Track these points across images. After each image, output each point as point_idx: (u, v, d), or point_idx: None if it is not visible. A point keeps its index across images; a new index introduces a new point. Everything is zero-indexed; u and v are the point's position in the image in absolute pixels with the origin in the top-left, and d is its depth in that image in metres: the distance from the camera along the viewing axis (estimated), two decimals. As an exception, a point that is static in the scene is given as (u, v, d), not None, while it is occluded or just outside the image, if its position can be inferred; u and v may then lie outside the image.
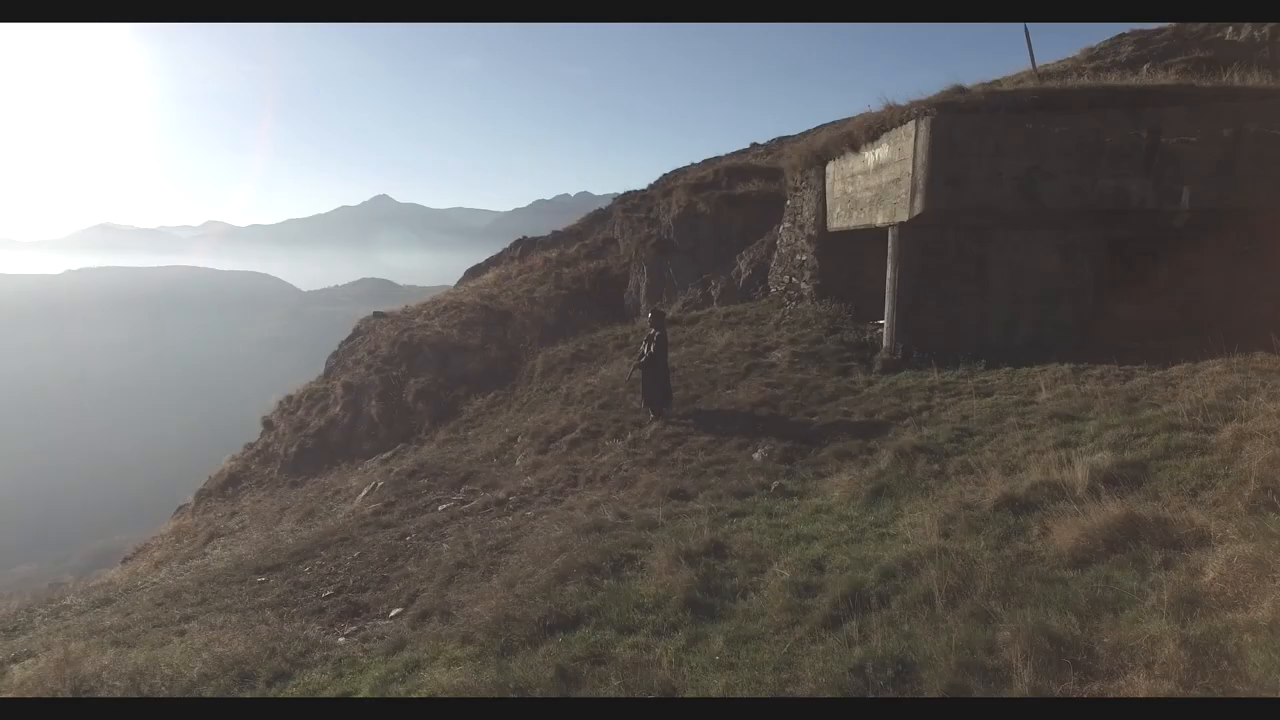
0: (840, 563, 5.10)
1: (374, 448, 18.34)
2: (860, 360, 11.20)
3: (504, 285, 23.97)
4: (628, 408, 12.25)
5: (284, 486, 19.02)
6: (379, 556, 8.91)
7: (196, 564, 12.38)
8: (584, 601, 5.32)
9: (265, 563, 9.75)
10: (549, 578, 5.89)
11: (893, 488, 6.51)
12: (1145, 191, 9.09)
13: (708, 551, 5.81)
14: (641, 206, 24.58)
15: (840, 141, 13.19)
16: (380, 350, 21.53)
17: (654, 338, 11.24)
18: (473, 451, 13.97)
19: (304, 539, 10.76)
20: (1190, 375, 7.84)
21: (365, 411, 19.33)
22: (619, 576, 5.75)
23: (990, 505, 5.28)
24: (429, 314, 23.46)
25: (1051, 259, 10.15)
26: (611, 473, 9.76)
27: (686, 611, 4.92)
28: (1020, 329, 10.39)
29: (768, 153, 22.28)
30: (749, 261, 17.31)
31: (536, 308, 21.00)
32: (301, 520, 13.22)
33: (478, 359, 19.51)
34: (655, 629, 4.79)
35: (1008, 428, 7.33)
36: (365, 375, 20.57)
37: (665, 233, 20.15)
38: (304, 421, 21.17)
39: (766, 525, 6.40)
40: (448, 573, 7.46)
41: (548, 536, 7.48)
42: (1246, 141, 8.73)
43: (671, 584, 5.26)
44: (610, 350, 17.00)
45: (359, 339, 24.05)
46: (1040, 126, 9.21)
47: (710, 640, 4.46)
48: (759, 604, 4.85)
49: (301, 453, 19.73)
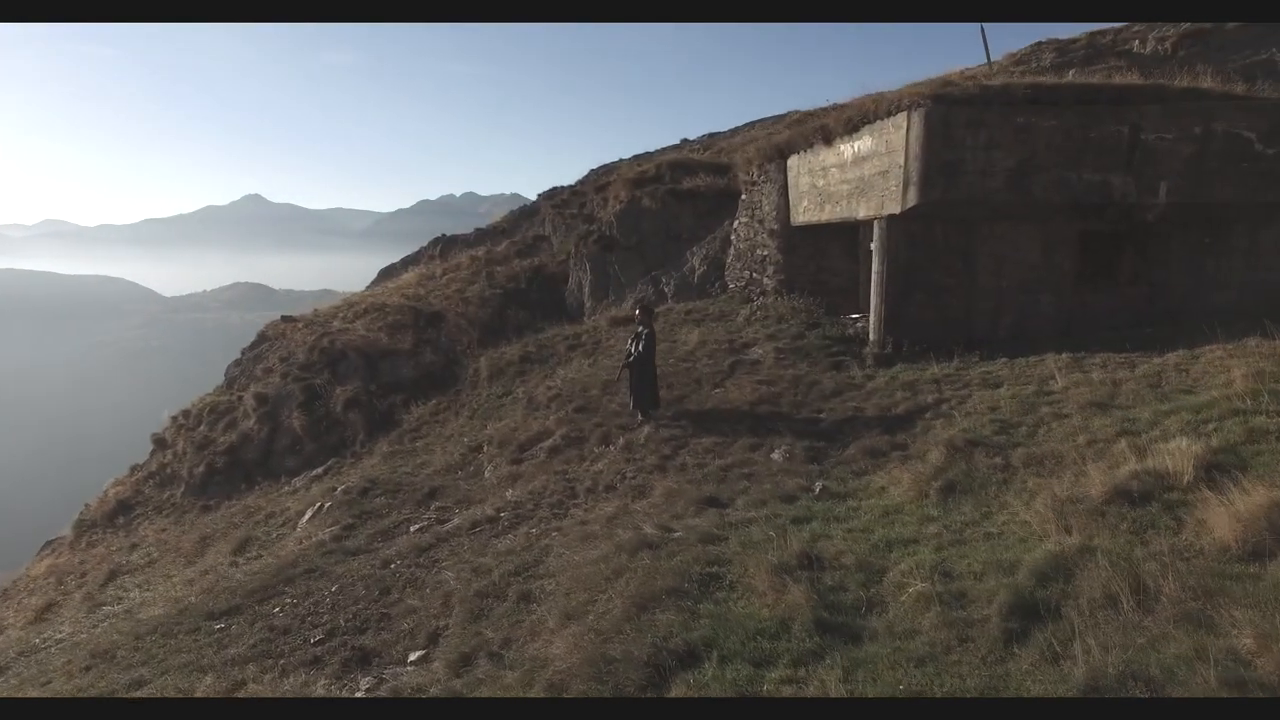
0: (969, 568, 4.76)
1: (299, 464, 16.64)
2: (849, 354, 11.09)
3: (429, 285, 22.52)
4: (607, 411, 11.59)
5: (193, 512, 16.93)
6: (365, 590, 7.83)
7: (111, 610, 10.58)
8: (689, 633, 4.69)
9: (217, 605, 8.39)
10: (626, 606, 5.21)
11: (962, 484, 6.29)
12: (1127, 186, 9.47)
13: (801, 564, 5.33)
14: (572, 203, 23.82)
15: (808, 135, 13.10)
16: (296, 357, 19.63)
17: (642, 335, 10.65)
18: (429, 464, 12.85)
19: (255, 573, 9.40)
20: (1192, 361, 8.14)
21: (285, 424, 17.51)
22: (711, 599, 5.16)
23: (1098, 498, 5.11)
24: (347, 317, 21.68)
25: (1033, 251, 10.42)
26: (616, 481, 9.09)
27: (819, 635, 4.41)
28: (1004, 320, 10.60)
29: (705, 148, 22.12)
30: (702, 257, 17.01)
31: (471, 308, 19.81)
32: (237, 550, 11.62)
33: (411, 364, 18.14)
34: (795, 658, 4.26)
35: (1046, 418, 7.31)
36: (281, 385, 18.67)
37: (607, 229, 19.53)
38: (209, 438, 18.96)
39: (842, 531, 6.00)
40: (469, 605, 6.58)
41: (583, 557, 6.75)
42: (1215, 140, 9.26)
43: (788, 604, 4.74)
44: (562, 351, 16.20)
45: (266, 346, 21.89)
46: (1031, 120, 9.38)
47: (873, 666, 3.98)
48: (900, 620, 4.42)
49: (211, 473, 17.64)
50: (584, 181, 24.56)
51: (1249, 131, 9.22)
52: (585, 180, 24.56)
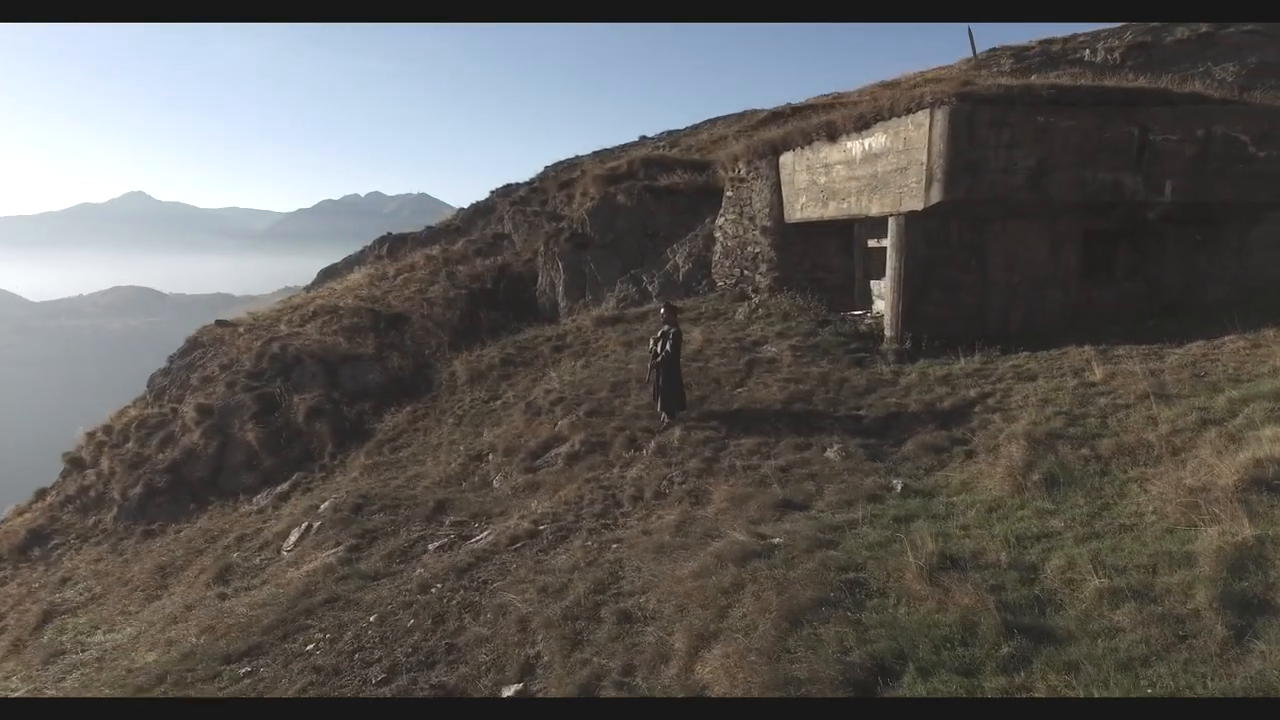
0: (1132, 561, 4.71)
1: (258, 480, 15.32)
2: (868, 351, 11.11)
3: (383, 286, 21.30)
4: (625, 413, 11.16)
5: (132, 538, 15.31)
6: (414, 619, 7.11)
7: (77, 659, 9.19)
8: (869, 645, 4.42)
9: (231, 646, 7.45)
10: (775, 622, 4.88)
11: (1062, 477, 6.29)
12: (1136, 185, 9.88)
13: (943, 565, 5.16)
14: (532, 200, 23.13)
15: (808, 131, 13.09)
16: (242, 364, 18.11)
17: (668, 334, 10.30)
18: (424, 476, 12.05)
19: (262, 605, 8.43)
20: (1217, 351, 8.54)
21: (238, 437, 16.09)
22: (867, 608, 4.90)
23: (1231, 487, 5.17)
24: (294, 320, 20.22)
25: (1042, 249, 10.74)
26: (664, 488, 8.70)
27: (1013, 637, 4.24)
28: (1015, 315, 10.88)
29: (672, 145, 21.92)
30: (686, 255, 16.79)
31: (436, 310, 18.83)
32: (219, 580, 10.44)
33: (377, 369, 17.05)
34: (1000, 665, 4.06)
35: (1107, 409, 7.46)
36: (228, 395, 17.17)
37: (579, 226, 19.01)
38: (143, 456, 17.24)
39: (955, 529, 5.87)
40: (558, 630, 6.05)
41: (676, 570, 6.35)
42: (1215, 142, 9.80)
43: (962, 607, 4.55)
44: (547, 354, 15.60)
45: (201, 353, 20.13)
46: (1050, 120, 9.65)
47: (1095, 668, 3.83)
48: (1091, 618, 4.31)
49: (150, 493, 16.02)
50: (543, 178, 23.88)
51: (1244, 135, 9.82)
52: (545, 177, 23.88)
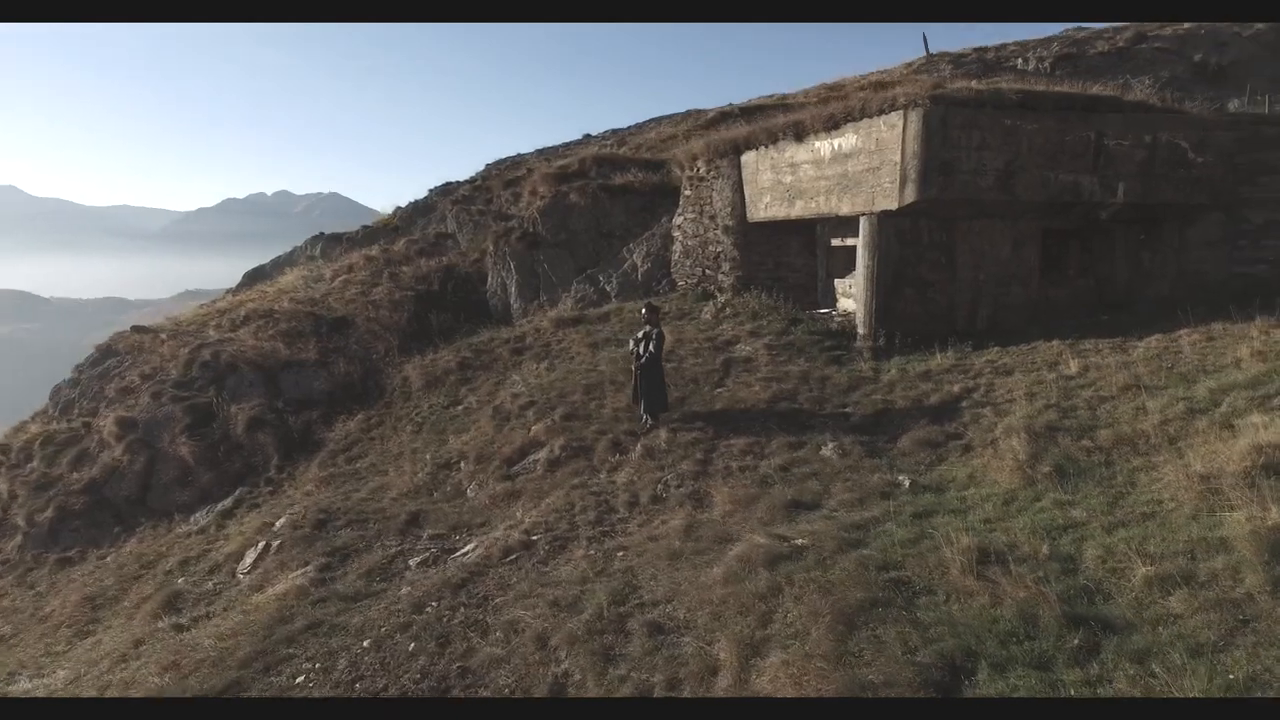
0: (1168, 548, 4.86)
1: (194, 497, 14.23)
2: (843, 349, 11.26)
3: (320, 288, 20.19)
4: (604, 416, 10.91)
5: (44, 568, 13.96)
6: (415, 642, 6.67)
7: (10, 705, 8.16)
8: (934, 644, 4.39)
9: (205, 684, 6.81)
10: (830, 626, 4.78)
11: (1070, 468, 6.48)
12: (1093, 186, 10.39)
13: (983, 559, 5.20)
14: (476, 198, 22.46)
15: (773, 130, 13.17)
16: (168, 373, 16.80)
17: (650, 335, 10.13)
18: (389, 487, 11.45)
19: (229, 636, 7.70)
20: (1174, 344, 9.04)
21: (169, 452, 14.89)
22: (920, 606, 4.86)
23: (1239, 473, 5.43)
24: (224, 325, 18.91)
25: (1005, 247, 11.16)
26: (662, 492, 8.52)
27: (1076, 628, 4.29)
28: (981, 312, 11.26)
29: (620, 144, 21.70)
30: (644, 254, 16.64)
31: (382, 312, 17.99)
32: (166, 609, 9.51)
33: (323, 376, 16.13)
34: (1071, 657, 4.10)
35: (1093, 401, 7.77)
36: (154, 406, 15.87)
37: (530, 225, 18.56)
38: (51, 476, 15.76)
39: (978, 522, 5.96)
40: (585, 646, 5.77)
41: (699, 578, 6.18)
42: (1160, 148, 10.42)
43: (1019, 600, 4.59)
44: (506, 356, 15.14)
45: (116, 362, 18.58)
46: (1017, 123, 10.02)
47: (1165, 656, 3.91)
48: (1145, 605, 4.42)
49: (63, 517, 14.64)
50: (486, 176, 23.23)
51: (1184, 141, 10.49)
52: (488, 175, 23.24)
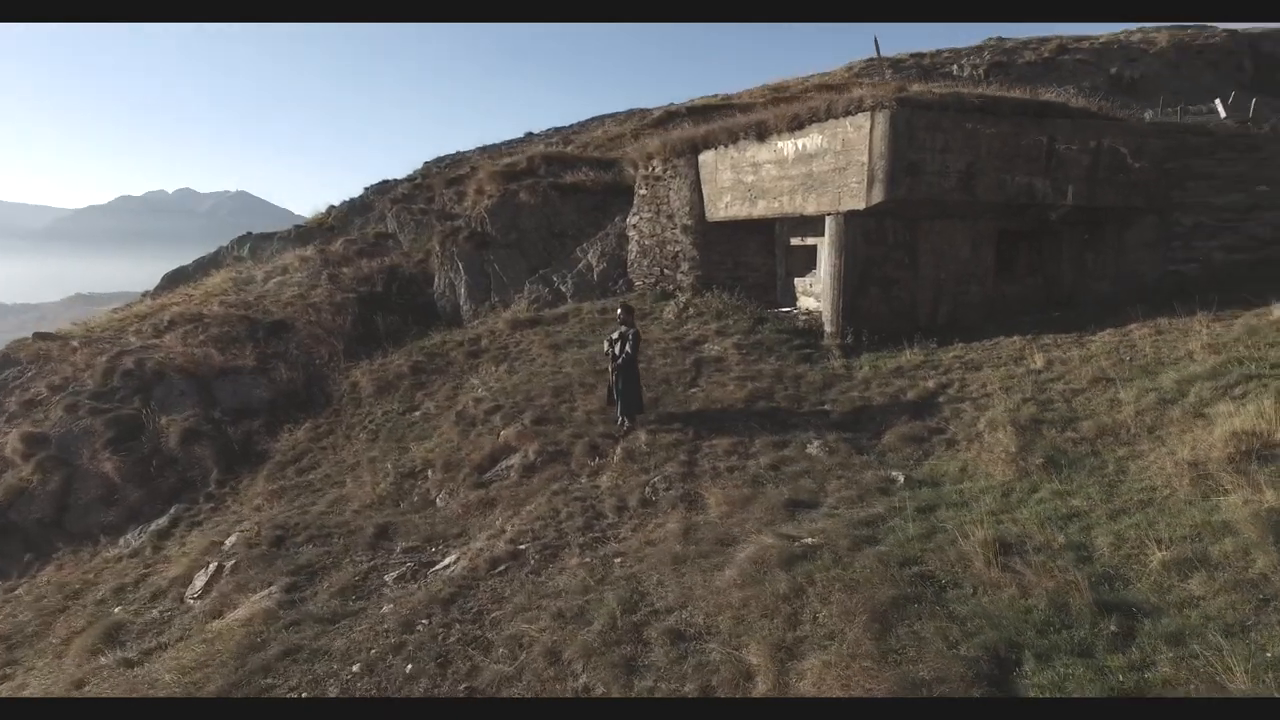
0: (1174, 534, 5.08)
1: (122, 517, 13.12)
2: (812, 347, 11.38)
3: (253, 290, 19.05)
4: (576, 419, 10.66)
5: (-52, 601, 12.54)
6: (412, 665, 6.28)
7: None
8: (975, 637, 4.42)
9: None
10: (866, 624, 4.76)
11: (1056, 460, 6.70)
12: (1046, 189, 10.87)
13: (1001, 550, 5.29)
14: (417, 197, 21.70)
15: (733, 130, 13.22)
16: (83, 383, 15.47)
17: (626, 335, 9.95)
18: (349, 499, 10.87)
19: (194, 669, 7.04)
20: (1127, 338, 9.55)
21: (89, 469, 13.70)
22: (951, 600, 4.89)
23: (1223, 459, 5.73)
24: (146, 331, 17.58)
25: (964, 247, 11.54)
26: (651, 495, 8.36)
27: (1109, 614, 4.41)
28: (943, 309, 11.61)
29: (565, 142, 21.38)
30: (599, 254, 16.42)
31: (324, 315, 17.10)
32: (106, 643, 8.64)
33: (263, 383, 15.19)
34: (1110, 643, 4.21)
35: (1069, 394, 8.10)
36: (70, 420, 14.58)
37: (478, 225, 18.05)
38: (-50, 499, 14.20)
39: (984, 515, 6.07)
40: (606, 658, 5.56)
41: (710, 581, 6.06)
42: (1104, 153, 11.00)
43: (1048, 590, 4.70)
44: (461, 360, 14.66)
45: (17, 372, 16.99)
46: (977, 127, 10.36)
47: (1200, 638, 4.05)
48: (1166, 589, 4.59)
49: (-36, 546, 13.20)
50: (426, 175, 22.46)
51: (1124, 148, 11.11)
52: (428, 174, 22.48)
